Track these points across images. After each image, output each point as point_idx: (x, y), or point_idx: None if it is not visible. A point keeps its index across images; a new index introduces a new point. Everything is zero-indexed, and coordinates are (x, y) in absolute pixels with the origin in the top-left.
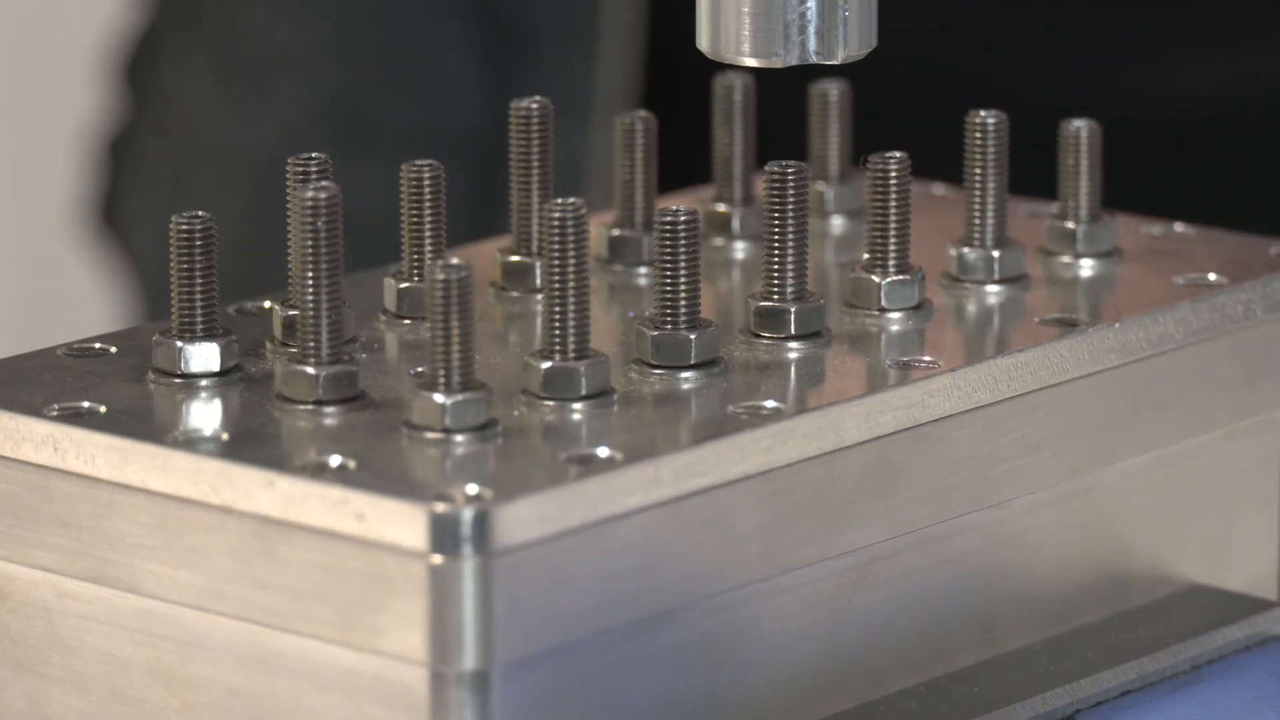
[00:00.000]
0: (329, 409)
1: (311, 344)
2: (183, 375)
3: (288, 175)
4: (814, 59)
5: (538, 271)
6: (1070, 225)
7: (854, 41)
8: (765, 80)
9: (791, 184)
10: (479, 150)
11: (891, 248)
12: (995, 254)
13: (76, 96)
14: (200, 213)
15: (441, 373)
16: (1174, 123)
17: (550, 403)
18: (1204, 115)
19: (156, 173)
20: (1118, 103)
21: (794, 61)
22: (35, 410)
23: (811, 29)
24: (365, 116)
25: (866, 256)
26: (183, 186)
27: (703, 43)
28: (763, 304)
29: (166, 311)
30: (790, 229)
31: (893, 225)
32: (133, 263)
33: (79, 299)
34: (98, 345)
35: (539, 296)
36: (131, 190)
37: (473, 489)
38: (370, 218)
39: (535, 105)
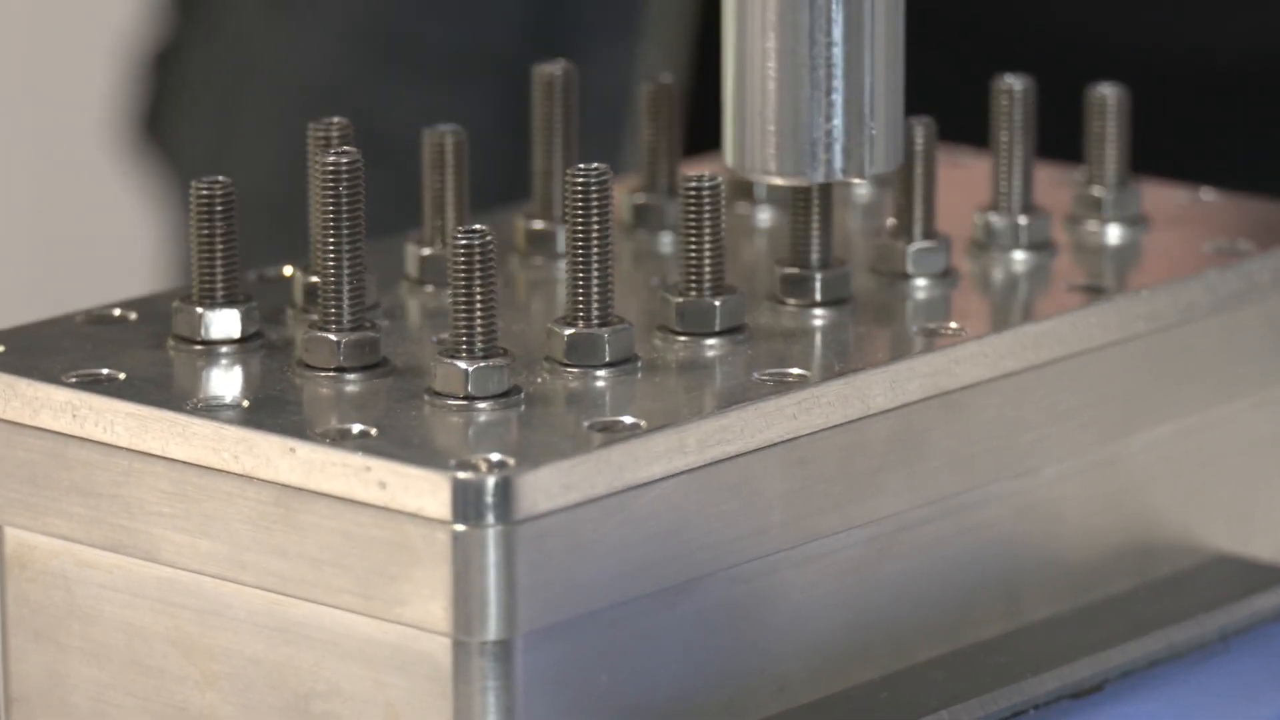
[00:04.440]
0: (350, 376)
1: (333, 310)
2: (203, 342)
3: (309, 141)
4: (840, 177)
5: (560, 238)
6: (1097, 191)
7: (881, 159)
8: None
9: None
10: (523, 70)
11: (918, 214)
12: (1022, 220)
13: (121, 9)
14: (220, 178)
15: (464, 339)
16: (1198, 78)
17: (574, 370)
18: (1226, 70)
19: (202, 87)
20: (1143, 58)
21: (821, 180)
22: (54, 377)
23: (838, 147)
24: (408, 37)
25: (893, 222)
26: (227, 102)
27: (728, 159)
28: (788, 270)
29: None
30: (815, 195)
31: (919, 191)
32: (176, 176)
33: (121, 211)
34: (117, 312)
35: (562, 263)
36: (176, 104)
37: (495, 457)
38: (410, 139)
39: (560, 72)
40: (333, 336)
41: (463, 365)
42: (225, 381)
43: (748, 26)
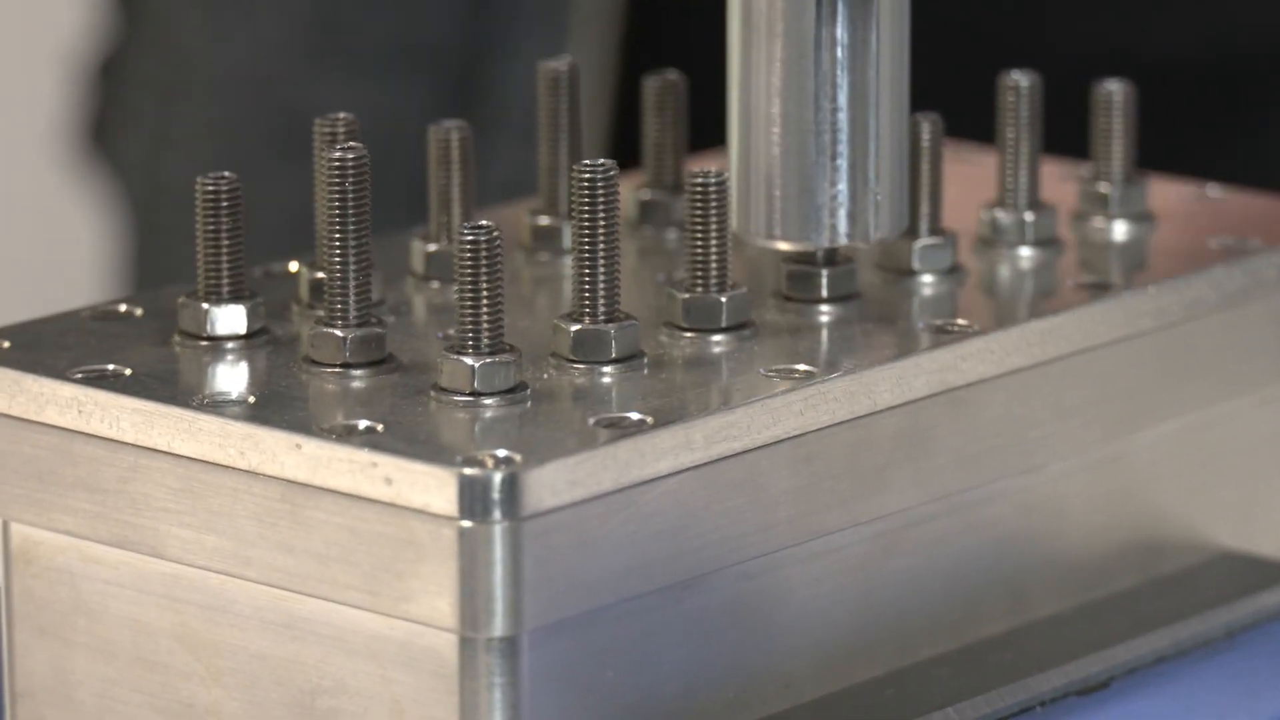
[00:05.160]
0: (356, 372)
1: (339, 306)
2: (209, 338)
3: (314, 136)
4: (845, 242)
5: (566, 234)
6: (1103, 188)
7: (886, 224)
8: None
9: None
10: (457, 65)
11: (924, 210)
12: (1028, 217)
13: (64, 19)
14: (226, 173)
15: (470, 335)
16: (1204, 74)
17: (580, 366)
18: (1232, 65)
19: (141, 93)
20: (1149, 52)
21: (825, 245)
22: (59, 373)
23: (843, 212)
24: (342, 30)
25: None
26: (165, 105)
27: (733, 222)
28: (794, 267)
29: (155, 233)
30: None
31: (925, 187)
32: (121, 184)
33: (69, 222)
34: (122, 308)
35: (567, 259)
36: (121, 112)
37: (502, 453)
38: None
39: (565, 67)
40: (339, 332)
41: (469, 361)
42: (231, 377)
43: (753, 91)
